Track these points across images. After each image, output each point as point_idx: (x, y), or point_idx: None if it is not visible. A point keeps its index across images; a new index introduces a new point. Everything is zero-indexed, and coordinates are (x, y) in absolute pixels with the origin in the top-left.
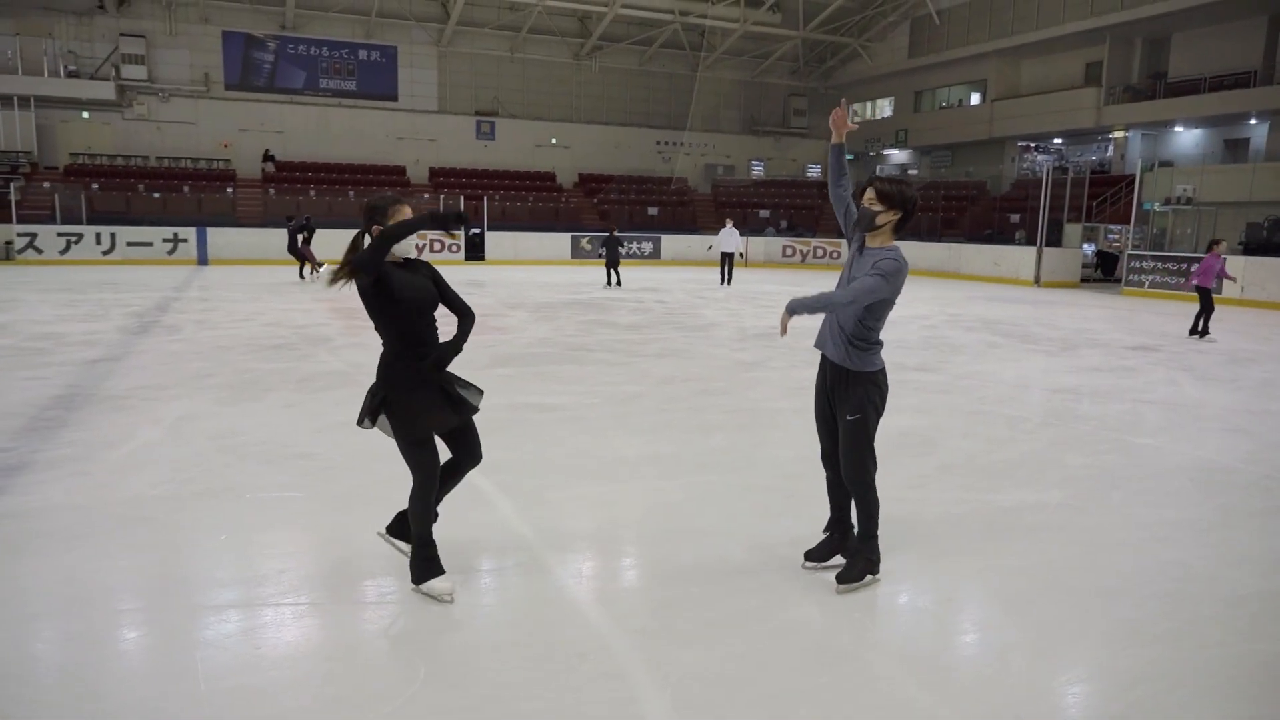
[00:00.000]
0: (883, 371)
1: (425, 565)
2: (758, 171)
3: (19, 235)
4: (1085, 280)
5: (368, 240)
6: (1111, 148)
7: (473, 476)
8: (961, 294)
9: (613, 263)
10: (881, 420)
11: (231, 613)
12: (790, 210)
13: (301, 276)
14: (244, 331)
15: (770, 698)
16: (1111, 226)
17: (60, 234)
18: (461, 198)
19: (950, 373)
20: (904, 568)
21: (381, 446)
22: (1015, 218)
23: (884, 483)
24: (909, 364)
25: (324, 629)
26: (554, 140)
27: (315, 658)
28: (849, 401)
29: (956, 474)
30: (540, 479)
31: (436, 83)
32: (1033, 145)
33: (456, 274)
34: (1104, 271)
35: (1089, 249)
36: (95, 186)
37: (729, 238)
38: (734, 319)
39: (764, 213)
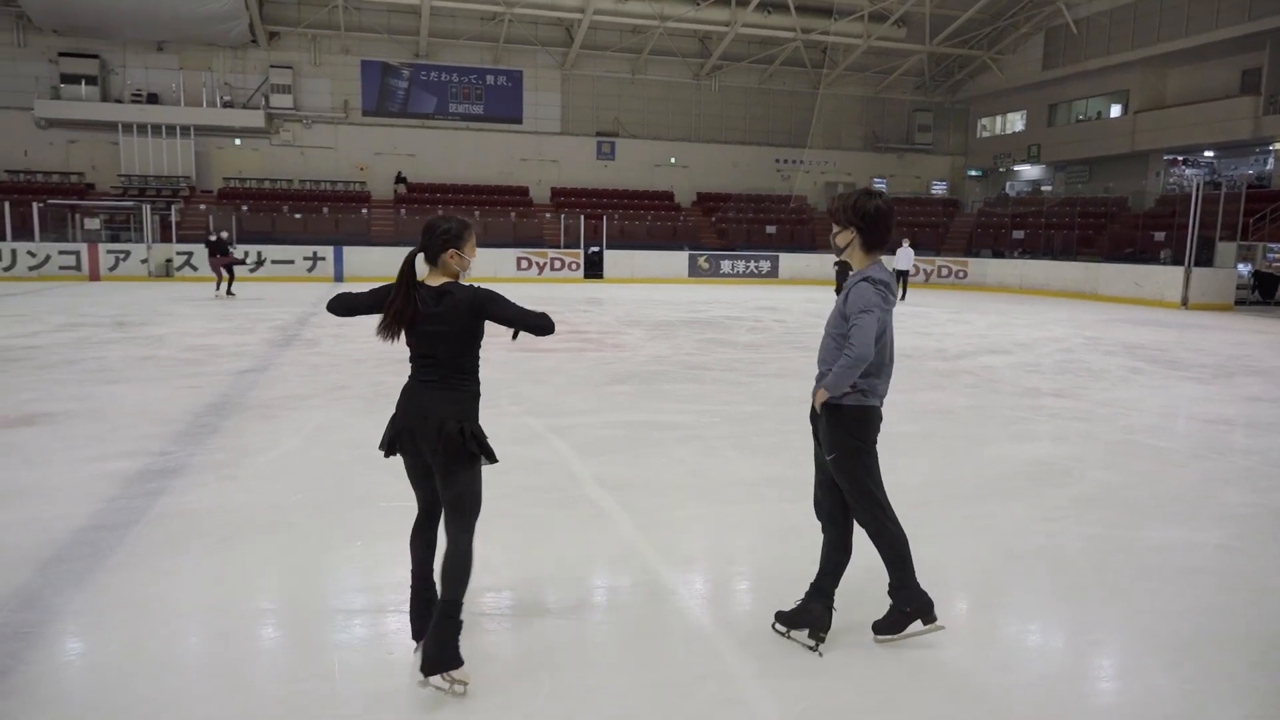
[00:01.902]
0: (861, 407)
1: (456, 642)
2: (879, 188)
3: (178, 254)
4: (1240, 303)
5: (420, 261)
6: (1272, 160)
7: (593, 493)
8: (1099, 316)
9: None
10: (1014, 448)
11: (364, 618)
12: (914, 228)
13: (220, 291)
14: (378, 345)
15: None
16: (1272, 245)
17: None
18: (582, 217)
19: (1089, 399)
20: (1040, 606)
21: (507, 460)
22: (1159, 236)
23: (1016, 513)
24: (1043, 389)
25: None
26: (673, 159)
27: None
28: (825, 438)
29: (1097, 508)
30: (659, 497)
31: (559, 105)
32: (1180, 159)
33: (575, 292)
34: (1262, 294)
35: (1245, 269)
36: (245, 208)
37: (904, 256)
38: None
39: None
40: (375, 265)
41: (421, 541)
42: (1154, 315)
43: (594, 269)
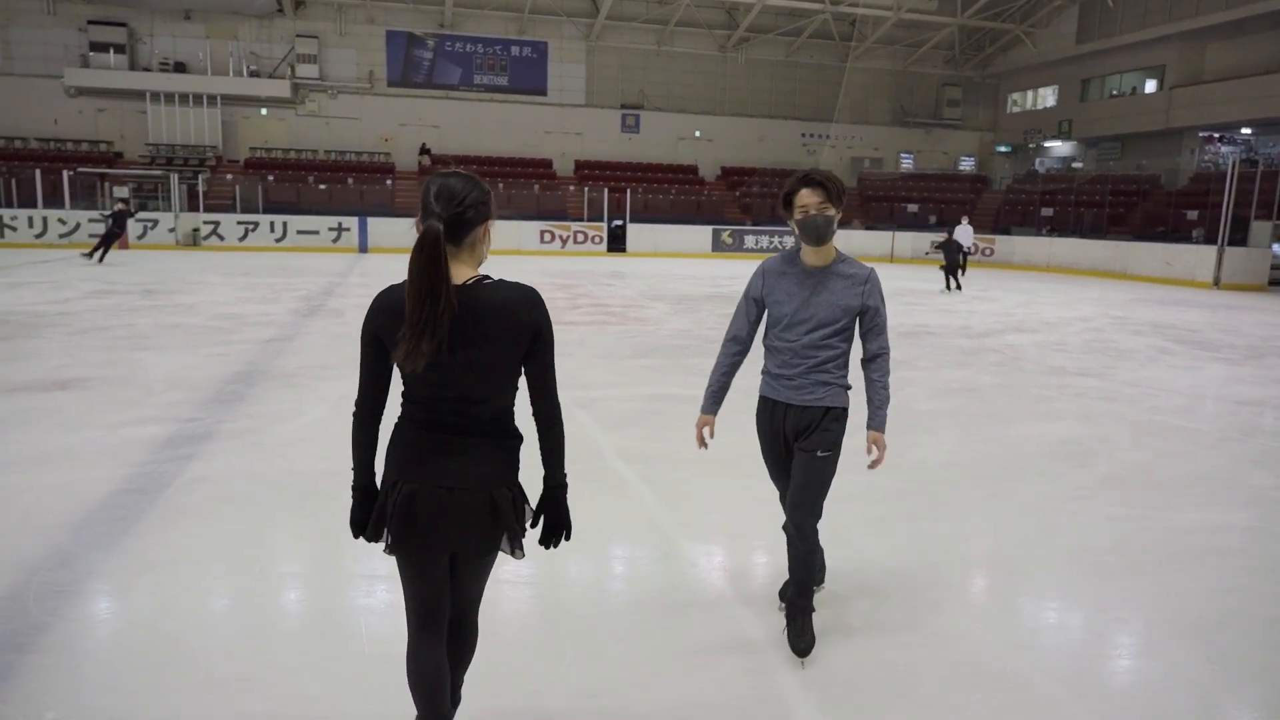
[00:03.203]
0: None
1: None
2: (907, 164)
3: (205, 223)
4: (1275, 283)
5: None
6: None
7: (616, 466)
8: (1128, 295)
9: (951, 269)
10: (1039, 426)
11: (388, 584)
12: (940, 205)
13: (90, 256)
14: None
15: (921, 709)
16: None
17: (240, 222)
18: (605, 190)
19: (1116, 379)
20: (1064, 585)
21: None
22: (1193, 214)
23: (1040, 492)
24: (1069, 368)
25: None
26: (697, 133)
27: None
28: (828, 435)
29: (1123, 488)
30: (681, 471)
31: (584, 77)
32: (1216, 136)
33: (598, 265)
34: None
35: (1278, 248)
36: (271, 178)
37: (964, 232)
38: None
39: (912, 207)
40: (400, 236)
41: (434, 661)
42: (1185, 295)
43: (617, 243)
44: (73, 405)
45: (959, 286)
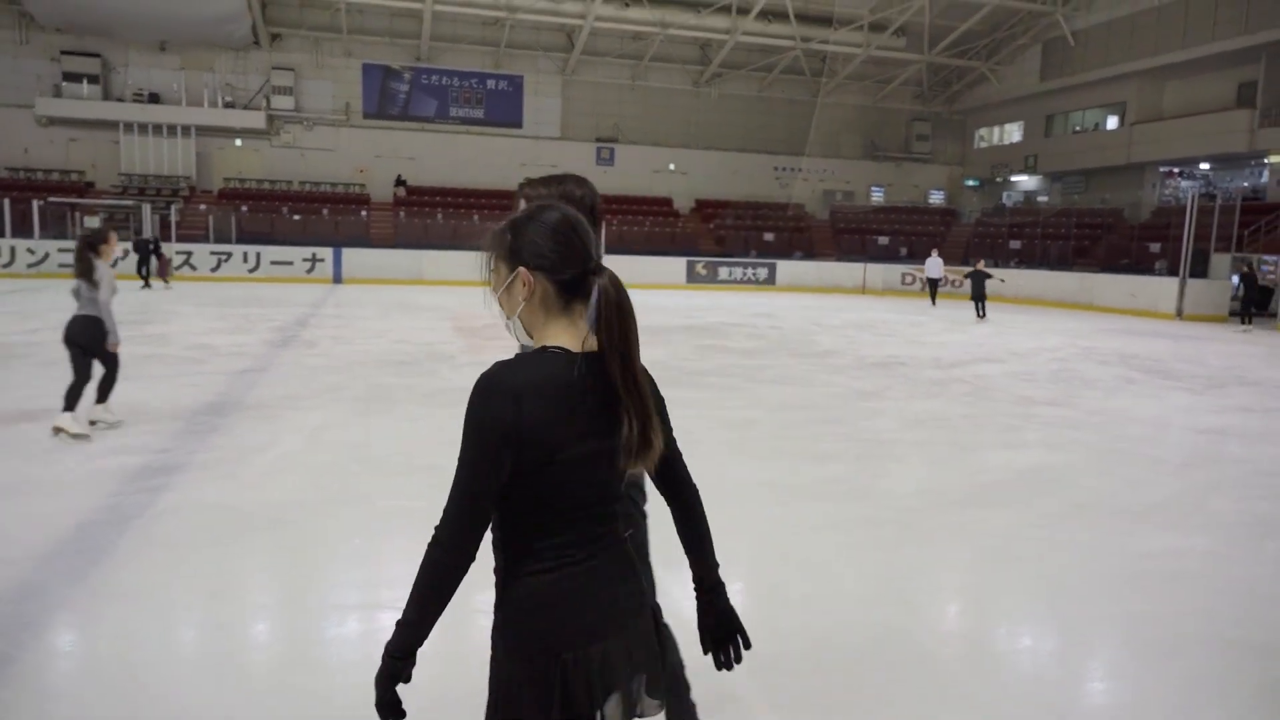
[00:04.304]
0: None
1: None
2: (877, 197)
3: (178, 253)
4: (1235, 314)
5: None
6: (1266, 173)
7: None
8: (1094, 326)
9: (978, 296)
10: (1007, 455)
11: (360, 613)
12: (911, 237)
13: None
14: (374, 347)
15: None
16: (1267, 257)
17: (213, 252)
18: None
19: (1082, 408)
20: (1030, 610)
21: None
22: (1155, 247)
23: (1007, 519)
24: (1037, 398)
25: (440, 632)
26: (672, 166)
27: (434, 660)
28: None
29: (1089, 514)
30: (654, 500)
31: (560, 110)
32: (1176, 170)
33: None
34: (1256, 306)
35: (1239, 280)
36: (244, 209)
37: (934, 266)
38: (852, 346)
39: (883, 239)
40: (375, 267)
41: None
42: (1149, 326)
43: None
44: (40, 436)
45: (984, 314)
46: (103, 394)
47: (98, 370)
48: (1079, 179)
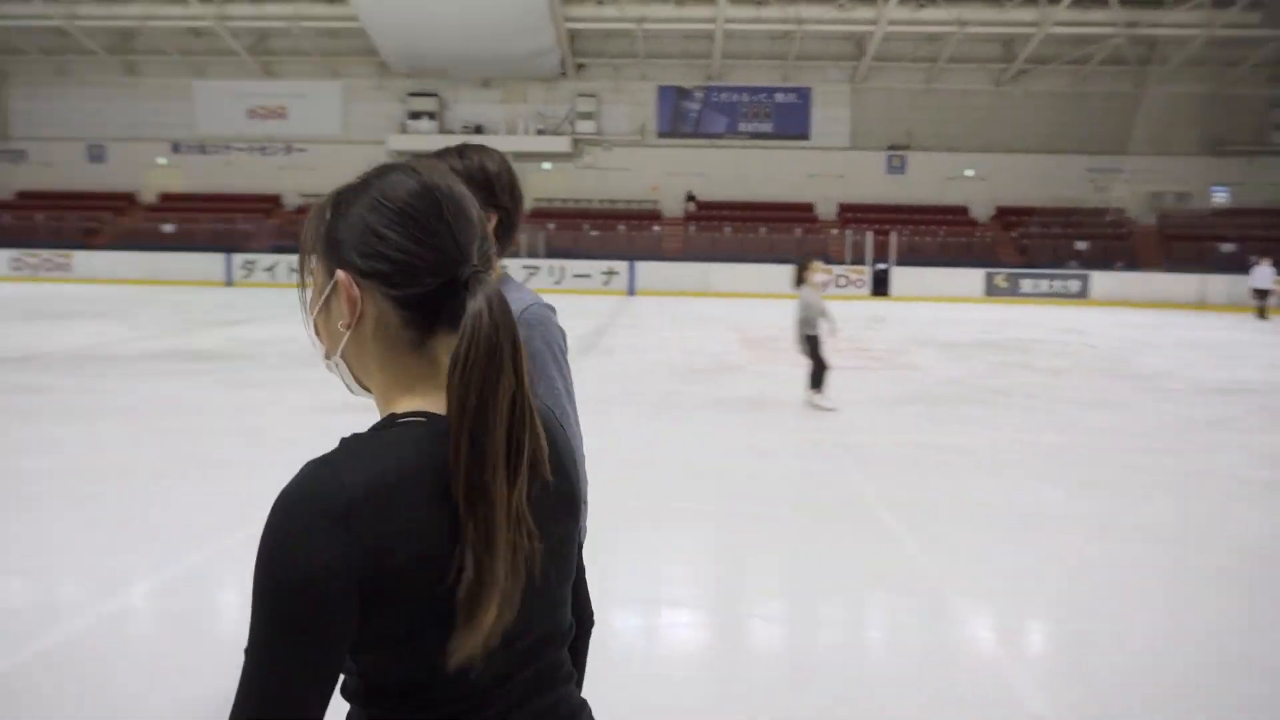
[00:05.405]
0: None
1: None
2: (1220, 198)
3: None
4: None
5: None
6: None
7: (878, 512)
8: None
9: None
10: None
11: (641, 606)
12: (1267, 242)
13: None
14: (667, 356)
15: None
16: None
17: (524, 266)
18: (869, 233)
19: None
20: None
21: (795, 474)
22: None
23: None
24: None
25: (709, 634)
26: (969, 172)
27: (702, 662)
28: None
29: None
30: (947, 524)
31: (848, 119)
32: None
33: (861, 309)
34: None
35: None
36: (551, 226)
37: (1262, 274)
38: (1185, 368)
39: (1227, 247)
40: (666, 280)
41: None
42: None
43: (881, 286)
44: None
45: None
46: None
47: None
48: None
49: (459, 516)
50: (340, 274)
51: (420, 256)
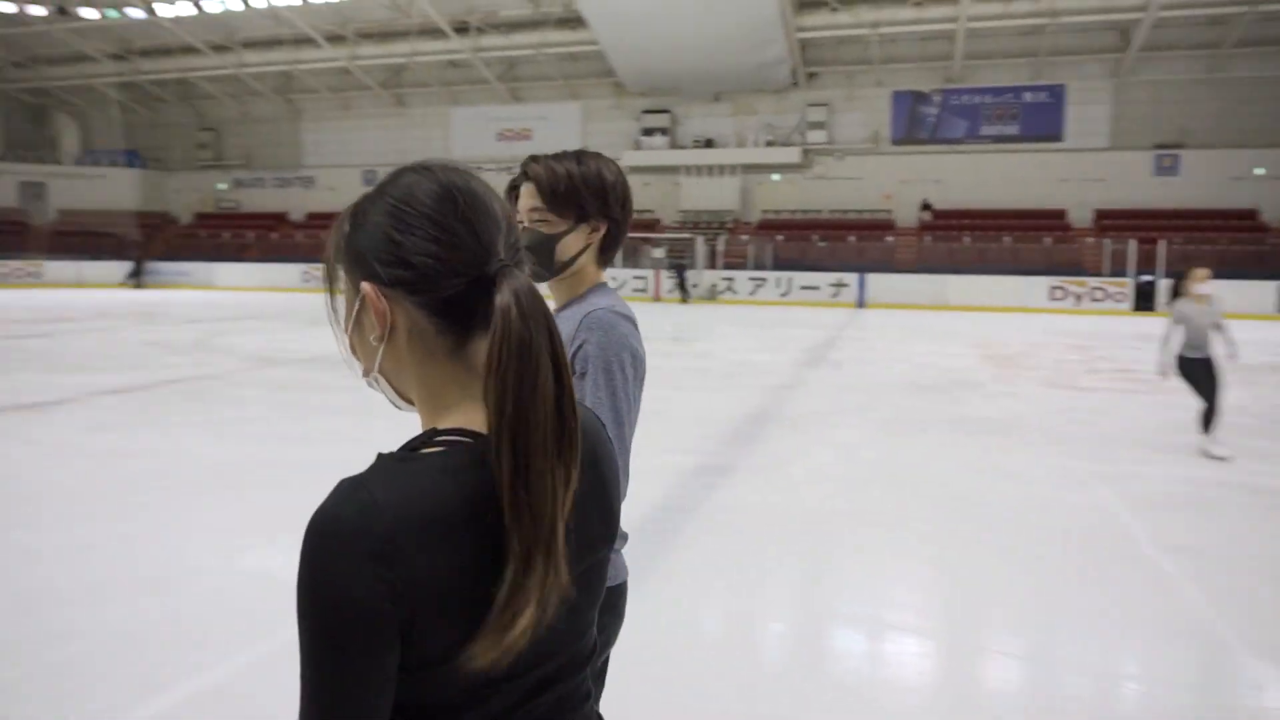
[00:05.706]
0: None
1: None
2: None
3: (722, 279)
4: None
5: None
6: None
7: (1151, 555)
8: None
9: None
10: None
11: (867, 625)
12: None
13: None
14: (899, 371)
15: None
16: None
17: (751, 278)
18: (1133, 241)
19: None
20: None
21: (1047, 505)
22: None
23: None
24: None
25: (941, 664)
26: (1259, 170)
27: (931, 690)
28: None
29: None
30: (1242, 573)
31: (1108, 117)
32: None
33: (1121, 326)
34: None
35: None
36: (780, 238)
37: None
38: None
39: None
40: (898, 292)
41: None
42: None
43: (1145, 300)
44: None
45: None
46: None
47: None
48: None
49: (500, 547)
50: (366, 286)
51: (440, 258)
